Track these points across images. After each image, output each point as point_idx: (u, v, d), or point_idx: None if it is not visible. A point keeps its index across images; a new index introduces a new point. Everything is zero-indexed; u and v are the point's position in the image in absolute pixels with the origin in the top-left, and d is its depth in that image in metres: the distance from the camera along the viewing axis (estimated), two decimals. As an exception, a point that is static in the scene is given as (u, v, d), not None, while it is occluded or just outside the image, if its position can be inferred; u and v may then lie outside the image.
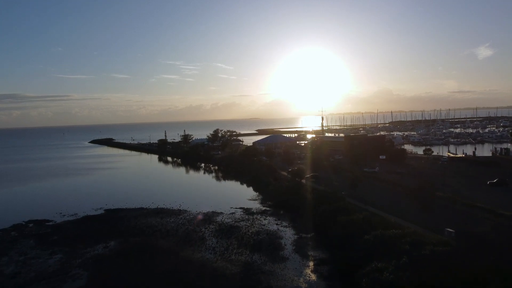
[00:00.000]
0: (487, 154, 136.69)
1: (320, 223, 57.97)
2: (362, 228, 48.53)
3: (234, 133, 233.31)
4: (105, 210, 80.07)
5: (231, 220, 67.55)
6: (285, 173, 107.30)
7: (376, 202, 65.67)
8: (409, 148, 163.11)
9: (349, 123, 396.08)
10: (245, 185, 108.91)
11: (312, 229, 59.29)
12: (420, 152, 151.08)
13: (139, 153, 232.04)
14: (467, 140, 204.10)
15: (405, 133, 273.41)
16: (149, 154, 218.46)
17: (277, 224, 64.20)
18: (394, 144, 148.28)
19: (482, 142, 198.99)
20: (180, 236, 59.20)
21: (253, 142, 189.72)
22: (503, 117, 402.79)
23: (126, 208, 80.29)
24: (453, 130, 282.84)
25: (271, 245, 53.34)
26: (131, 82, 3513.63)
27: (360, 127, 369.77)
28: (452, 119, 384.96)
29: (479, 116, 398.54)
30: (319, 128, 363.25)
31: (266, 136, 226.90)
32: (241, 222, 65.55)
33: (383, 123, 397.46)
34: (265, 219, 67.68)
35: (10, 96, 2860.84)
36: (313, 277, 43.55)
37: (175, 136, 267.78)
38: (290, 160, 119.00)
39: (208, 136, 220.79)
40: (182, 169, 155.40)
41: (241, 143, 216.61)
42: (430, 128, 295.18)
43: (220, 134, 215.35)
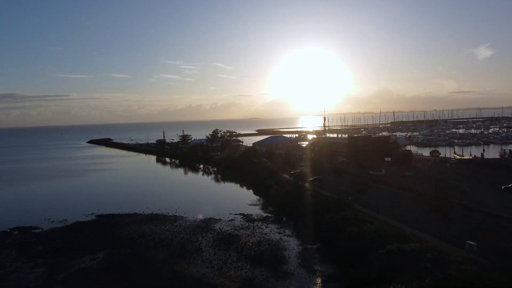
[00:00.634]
0: (494, 155, 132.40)
1: (326, 232, 53.41)
2: (375, 240, 44.04)
3: (233, 133, 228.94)
4: (96, 216, 75.51)
5: (230, 228, 63.01)
6: (286, 176, 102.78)
7: (387, 210, 61.07)
8: (413, 149, 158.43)
9: (350, 123, 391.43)
10: (245, 188, 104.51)
11: (318, 239, 54.76)
12: (425, 153, 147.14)
13: (137, 153, 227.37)
14: (472, 141, 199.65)
15: (408, 133, 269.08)
16: (147, 155, 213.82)
17: (279, 233, 59.64)
18: (399, 145, 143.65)
19: (488, 143, 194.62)
20: (174, 246, 54.65)
21: (253, 143, 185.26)
22: (506, 118, 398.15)
23: (118, 214, 75.72)
24: (457, 130, 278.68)
25: (273, 258, 48.80)
26: (130, 82, 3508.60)
27: (361, 127, 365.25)
28: (453, 119, 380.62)
29: (481, 116, 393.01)
30: (319, 129, 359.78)
31: (266, 136, 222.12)
32: (241, 231, 61.00)
33: (384, 123, 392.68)
34: (266, 227, 63.12)
35: (10, 96, 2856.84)
36: (321, 296, 39.08)
37: (174, 136, 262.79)
38: (291, 162, 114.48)
39: (207, 136, 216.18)
40: (180, 171, 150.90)
41: (240, 143, 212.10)
42: (433, 128, 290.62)
43: (219, 135, 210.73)
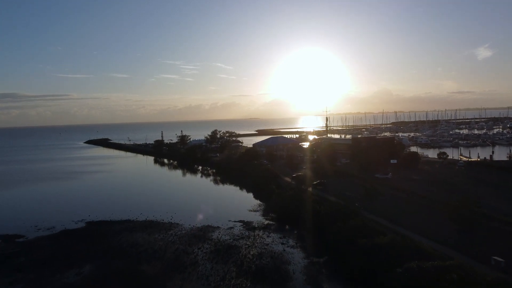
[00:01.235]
0: (501, 157, 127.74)
1: (334, 244, 48.82)
2: (390, 255, 39.48)
3: (233, 134, 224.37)
4: (86, 222, 70.81)
5: (229, 237, 58.37)
6: (288, 179, 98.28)
7: (399, 218, 56.33)
8: (417, 150, 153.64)
9: (351, 124, 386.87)
10: (244, 191, 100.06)
11: (325, 251, 50.17)
12: (430, 154, 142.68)
13: (135, 154, 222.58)
14: (477, 142, 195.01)
15: (410, 134, 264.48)
16: (145, 156, 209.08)
17: (282, 243, 54.97)
18: (405, 147, 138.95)
19: (493, 145, 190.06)
20: (168, 259, 49.98)
21: (253, 144, 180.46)
22: (508, 118, 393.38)
23: (110, 221, 71.06)
24: (460, 131, 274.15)
25: (276, 274, 44.16)
26: (130, 81, 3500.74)
27: (362, 128, 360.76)
28: (455, 120, 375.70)
29: (482, 116, 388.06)
30: (320, 129, 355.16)
31: (266, 137, 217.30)
32: (241, 241, 56.36)
33: (385, 124, 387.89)
34: (268, 236, 58.45)
35: (9, 95, 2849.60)
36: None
37: (173, 137, 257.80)
38: (293, 164, 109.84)
39: (206, 137, 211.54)
40: (178, 173, 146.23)
41: (240, 144, 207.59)
42: (436, 129, 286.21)
43: (218, 135, 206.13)
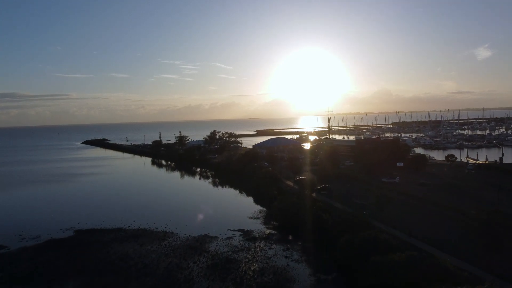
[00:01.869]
0: (508, 159, 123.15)
1: (344, 259, 44.19)
2: (409, 275, 34.88)
3: (232, 135, 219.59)
4: (75, 231, 66.11)
5: (227, 249, 53.70)
6: (290, 183, 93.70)
7: (414, 229, 51.45)
8: (421, 151, 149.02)
9: (352, 124, 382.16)
10: (244, 195, 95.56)
11: (334, 268, 45.56)
12: (435, 156, 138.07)
13: (132, 155, 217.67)
14: (482, 143, 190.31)
15: (413, 134, 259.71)
16: (142, 157, 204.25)
17: (286, 256, 50.28)
18: (410, 148, 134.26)
19: (498, 146, 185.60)
20: (160, 275, 45.27)
21: (253, 145, 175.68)
22: (510, 119, 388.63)
23: (101, 229, 66.39)
24: (463, 132, 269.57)
25: (280, 294, 39.57)
26: (130, 81, 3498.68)
27: (364, 128, 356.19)
28: (457, 120, 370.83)
29: (485, 117, 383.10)
30: (320, 129, 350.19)
31: (266, 138, 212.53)
32: (240, 253, 51.69)
33: (386, 124, 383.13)
34: (270, 248, 53.77)
35: (8, 95, 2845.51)
36: None
37: (172, 137, 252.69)
38: (295, 167, 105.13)
39: (205, 138, 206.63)
40: (175, 175, 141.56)
41: (240, 145, 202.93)
42: (438, 129, 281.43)
43: (217, 136, 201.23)
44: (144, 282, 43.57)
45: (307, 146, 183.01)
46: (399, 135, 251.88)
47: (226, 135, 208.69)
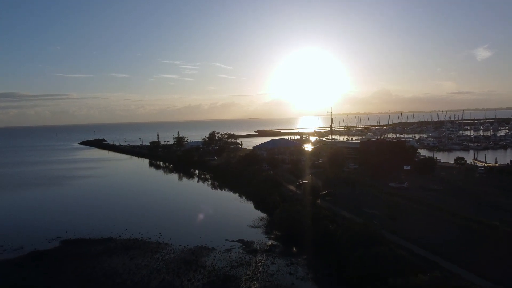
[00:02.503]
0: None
1: (357, 279, 39.42)
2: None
3: (232, 135, 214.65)
4: (62, 241, 61.28)
5: (225, 263, 48.91)
6: (292, 187, 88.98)
7: (433, 244, 46.45)
8: (425, 154, 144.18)
9: (353, 124, 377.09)
10: (244, 199, 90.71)
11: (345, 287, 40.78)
12: (441, 158, 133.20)
13: (130, 156, 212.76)
14: (488, 144, 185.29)
15: (416, 135, 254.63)
16: (140, 158, 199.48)
17: (290, 273, 45.42)
18: (417, 150, 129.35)
19: (505, 147, 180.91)
20: (150, 296, 40.55)
21: (253, 147, 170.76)
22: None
23: (89, 239, 61.59)
24: (467, 132, 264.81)
25: (285, 321, 34.79)
26: (130, 81, 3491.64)
27: (365, 128, 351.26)
28: (460, 120, 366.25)
29: (490, 117, 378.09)
30: (321, 130, 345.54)
31: (267, 139, 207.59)
32: (240, 269, 46.89)
33: (387, 125, 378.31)
34: (272, 263, 48.92)
35: (8, 95, 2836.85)
36: None
37: (171, 137, 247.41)
38: (298, 170, 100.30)
39: (203, 139, 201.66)
40: (173, 178, 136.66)
41: (239, 146, 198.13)
42: (441, 130, 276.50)
43: (216, 137, 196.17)
44: (132, 305, 38.79)
45: (308, 147, 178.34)
46: (402, 135, 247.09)
47: (226, 136, 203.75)
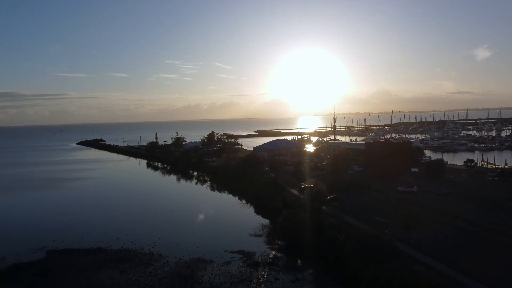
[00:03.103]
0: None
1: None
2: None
3: (231, 136, 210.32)
4: (48, 251, 56.81)
5: (224, 279, 44.45)
6: (295, 191, 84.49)
7: (455, 259, 41.76)
8: (429, 155, 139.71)
9: (354, 124, 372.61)
10: (244, 204, 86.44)
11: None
12: (447, 159, 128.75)
13: (127, 157, 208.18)
14: (494, 145, 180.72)
15: (418, 136, 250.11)
16: (138, 159, 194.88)
17: (296, 292, 41.06)
18: (423, 152, 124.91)
19: (511, 148, 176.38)
20: (139, 319, 36.12)
21: (253, 148, 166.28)
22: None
23: (78, 249, 57.11)
24: (470, 133, 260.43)
25: None
26: (129, 81, 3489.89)
27: (366, 129, 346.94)
28: (463, 120, 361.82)
29: (495, 117, 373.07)
30: (322, 130, 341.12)
31: (267, 140, 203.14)
32: (240, 286, 42.46)
33: (389, 124, 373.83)
34: (276, 278, 44.43)
35: (7, 95, 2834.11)
36: None
37: (170, 137, 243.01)
38: (301, 172, 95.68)
39: (202, 139, 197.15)
40: (170, 180, 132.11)
41: (239, 147, 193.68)
42: (444, 130, 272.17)
43: (216, 138, 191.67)
44: (118, 331, 34.36)
45: (309, 148, 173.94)
46: (405, 136, 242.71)
47: (225, 136, 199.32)
